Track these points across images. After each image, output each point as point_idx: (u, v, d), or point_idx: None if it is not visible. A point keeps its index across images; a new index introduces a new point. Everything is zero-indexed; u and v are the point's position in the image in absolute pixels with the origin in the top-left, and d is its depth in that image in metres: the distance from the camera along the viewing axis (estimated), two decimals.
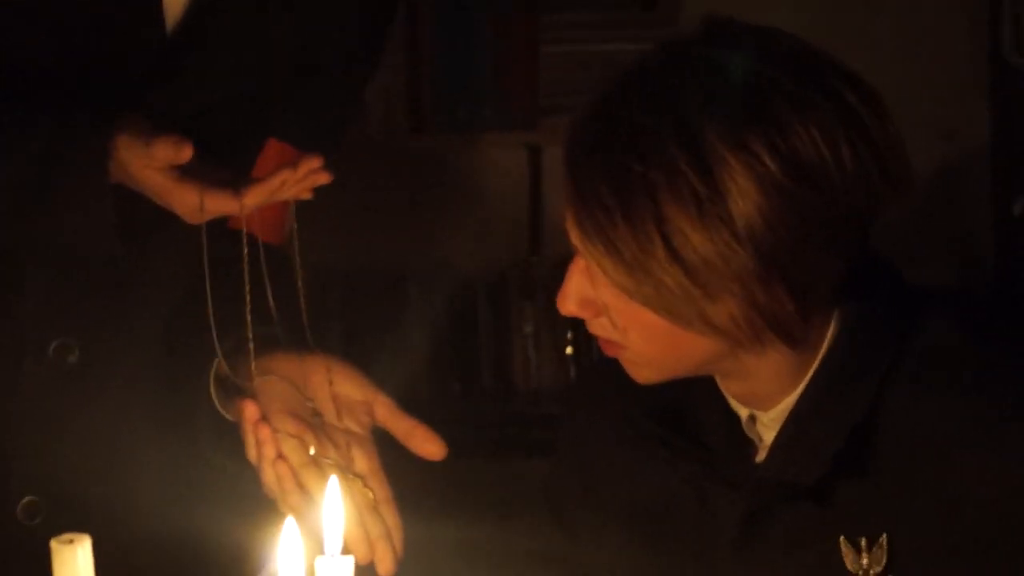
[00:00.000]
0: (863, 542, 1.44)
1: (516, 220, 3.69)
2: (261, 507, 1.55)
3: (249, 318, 1.56)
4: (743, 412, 1.51)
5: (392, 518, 1.56)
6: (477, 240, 3.65)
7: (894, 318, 1.46)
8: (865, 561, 1.44)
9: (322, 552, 1.31)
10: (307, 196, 1.53)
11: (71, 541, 1.27)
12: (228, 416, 1.61)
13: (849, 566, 1.44)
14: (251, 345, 1.56)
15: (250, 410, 1.55)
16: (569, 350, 3.62)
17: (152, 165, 1.51)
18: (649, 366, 1.46)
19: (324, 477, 1.52)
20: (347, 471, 1.55)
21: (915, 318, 1.47)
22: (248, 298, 1.56)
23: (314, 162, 1.50)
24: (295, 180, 1.49)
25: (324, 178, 1.50)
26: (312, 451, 1.55)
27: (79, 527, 1.31)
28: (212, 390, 1.62)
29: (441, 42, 3.63)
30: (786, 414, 1.47)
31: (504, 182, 3.69)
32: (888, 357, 1.45)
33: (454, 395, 3.54)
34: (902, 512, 1.43)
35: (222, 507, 1.71)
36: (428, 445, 1.58)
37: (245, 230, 1.54)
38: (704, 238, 1.33)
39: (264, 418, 1.55)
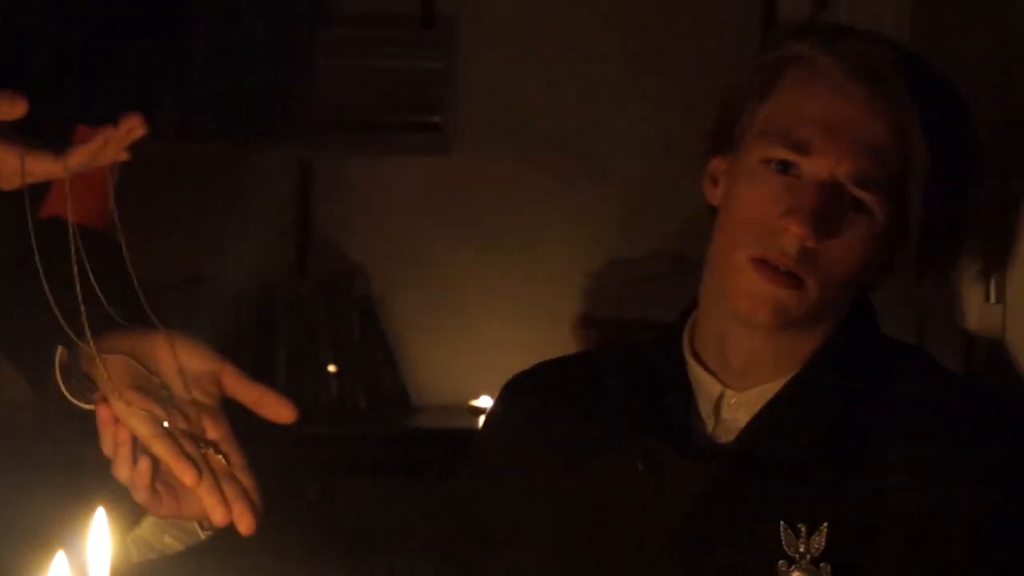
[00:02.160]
0: (803, 528, 1.48)
1: (283, 234, 3.65)
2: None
3: (80, 296, 1.54)
4: (715, 390, 1.58)
5: (248, 480, 1.57)
6: (241, 254, 3.60)
7: (879, 331, 1.62)
8: (802, 548, 1.48)
9: None
10: (125, 157, 1.52)
11: None
12: (76, 402, 1.60)
13: (785, 548, 1.48)
14: (84, 321, 1.55)
15: (104, 413, 1.55)
16: (332, 367, 3.59)
17: None
18: (808, 303, 1.52)
19: (177, 447, 1.53)
20: (200, 439, 1.57)
21: (891, 339, 1.63)
22: (77, 280, 1.54)
23: (134, 119, 1.49)
24: (117, 138, 1.49)
25: (143, 130, 1.50)
26: (165, 424, 1.55)
27: None
28: (59, 378, 1.60)
29: (214, 51, 3.58)
30: (762, 397, 1.55)
31: (273, 195, 3.65)
32: (875, 360, 1.57)
33: None
34: (849, 503, 1.49)
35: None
36: (279, 409, 1.58)
37: (70, 203, 1.52)
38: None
39: (119, 420, 1.54)
